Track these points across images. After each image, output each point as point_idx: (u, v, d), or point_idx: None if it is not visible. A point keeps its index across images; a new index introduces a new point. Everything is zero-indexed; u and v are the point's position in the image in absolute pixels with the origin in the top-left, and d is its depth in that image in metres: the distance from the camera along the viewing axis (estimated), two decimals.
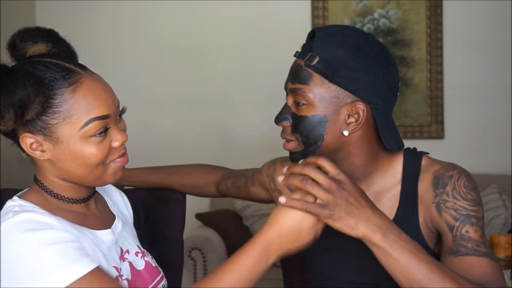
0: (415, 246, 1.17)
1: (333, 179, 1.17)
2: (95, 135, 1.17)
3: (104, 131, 1.18)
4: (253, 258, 1.13)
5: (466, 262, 1.25)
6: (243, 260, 1.13)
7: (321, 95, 1.29)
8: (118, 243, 1.28)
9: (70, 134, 1.16)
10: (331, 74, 1.28)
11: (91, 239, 1.20)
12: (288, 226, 1.14)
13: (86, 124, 1.16)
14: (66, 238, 1.11)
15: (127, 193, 1.73)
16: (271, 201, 1.61)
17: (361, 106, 1.30)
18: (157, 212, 1.74)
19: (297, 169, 1.20)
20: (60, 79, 1.16)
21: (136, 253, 1.31)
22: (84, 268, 1.09)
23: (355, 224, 1.17)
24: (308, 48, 1.33)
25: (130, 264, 1.28)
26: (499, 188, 3.66)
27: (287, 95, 1.36)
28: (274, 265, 3.93)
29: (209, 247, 3.43)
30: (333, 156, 1.34)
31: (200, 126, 4.11)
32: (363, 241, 1.18)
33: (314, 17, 4.01)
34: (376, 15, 4.01)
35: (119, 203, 1.44)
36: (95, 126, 1.17)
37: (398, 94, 1.38)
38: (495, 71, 3.95)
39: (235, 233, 3.66)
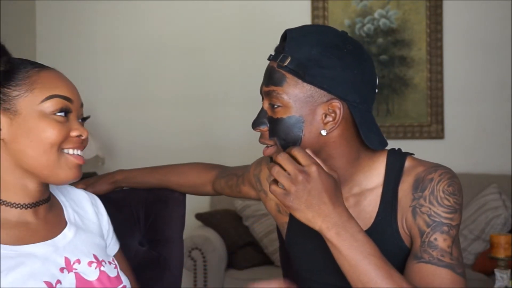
0: (369, 249, 1.17)
1: (301, 170, 1.18)
2: (54, 114, 1.18)
3: (65, 114, 1.20)
4: None
5: (425, 270, 1.24)
6: None
7: (296, 95, 1.27)
8: (64, 252, 1.23)
9: (30, 107, 1.17)
10: (303, 73, 1.26)
11: (11, 259, 1.15)
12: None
13: (48, 98, 1.18)
14: None
15: (127, 193, 1.74)
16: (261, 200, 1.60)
17: (337, 104, 1.27)
18: (157, 212, 1.73)
19: (274, 156, 1.23)
20: (27, 63, 1.22)
21: (90, 263, 1.26)
22: None
23: (312, 218, 1.19)
24: (281, 49, 1.31)
25: (77, 274, 1.22)
26: (499, 188, 3.66)
27: (262, 99, 1.34)
28: (274, 265, 3.87)
29: (209, 247, 3.43)
30: None
31: (197, 126, 4.11)
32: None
33: (314, 17, 4.01)
34: (376, 15, 4.01)
35: (86, 207, 1.38)
36: (56, 103, 1.19)
37: (377, 91, 1.35)
38: (495, 71, 3.95)
39: (235, 233, 3.66)
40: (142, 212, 1.73)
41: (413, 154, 1.39)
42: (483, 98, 3.98)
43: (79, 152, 1.22)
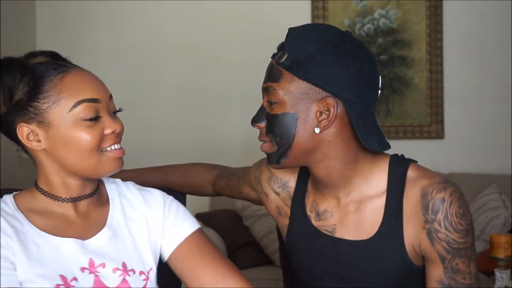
0: None
1: None
2: (85, 120, 1.21)
3: (95, 118, 1.22)
4: None
5: None
6: None
7: (291, 92, 1.28)
8: (91, 254, 1.24)
9: (60, 117, 1.20)
10: (296, 69, 1.26)
11: (41, 245, 1.21)
12: None
13: (75, 105, 1.20)
14: None
15: None
16: (261, 202, 1.57)
17: (331, 102, 1.27)
18: None
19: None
20: (50, 69, 1.23)
21: (115, 269, 1.25)
22: None
23: None
24: (281, 47, 1.32)
25: (96, 277, 1.23)
26: (499, 188, 3.65)
27: (263, 96, 1.35)
28: (274, 265, 3.86)
29: None
30: (308, 158, 1.31)
31: (198, 125, 4.11)
32: None
33: (314, 17, 4.00)
34: (376, 15, 4.01)
35: (140, 208, 1.34)
36: (84, 108, 1.21)
37: (380, 92, 1.34)
38: (495, 71, 3.95)
39: (235, 233, 3.66)
40: None
41: (416, 162, 1.38)
42: (483, 98, 3.97)
43: (116, 146, 1.25)
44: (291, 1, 4.03)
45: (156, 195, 1.39)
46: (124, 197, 1.36)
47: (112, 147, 1.25)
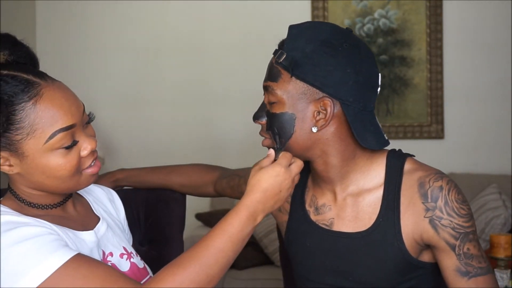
0: None
1: None
2: (61, 148, 1.15)
3: (71, 145, 1.16)
4: (241, 220, 1.19)
5: (479, 283, 1.30)
6: (232, 224, 1.19)
7: (289, 92, 1.30)
8: (100, 246, 1.26)
9: (35, 148, 1.14)
10: (293, 70, 1.28)
11: (72, 239, 1.19)
12: (272, 186, 1.19)
13: (51, 137, 1.14)
14: (42, 231, 1.11)
15: (127, 193, 1.74)
16: None
17: (328, 102, 1.28)
18: (157, 212, 1.74)
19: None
20: (20, 93, 1.13)
21: (121, 255, 1.29)
22: (62, 257, 1.08)
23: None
24: (280, 45, 1.34)
25: (113, 265, 1.26)
26: (499, 188, 3.66)
27: (264, 93, 1.36)
28: (274, 265, 3.85)
29: None
30: (307, 154, 1.33)
31: (197, 125, 4.11)
32: None
33: (314, 17, 4.01)
34: (376, 15, 4.01)
35: (105, 203, 1.41)
36: (61, 138, 1.15)
37: (378, 91, 1.34)
38: (495, 71, 3.95)
39: None
40: (142, 212, 1.73)
41: (414, 156, 1.39)
42: (483, 98, 3.97)
43: (92, 163, 1.22)
44: (291, 1, 4.03)
45: (115, 195, 1.46)
46: (89, 192, 1.39)
47: (90, 164, 1.22)
